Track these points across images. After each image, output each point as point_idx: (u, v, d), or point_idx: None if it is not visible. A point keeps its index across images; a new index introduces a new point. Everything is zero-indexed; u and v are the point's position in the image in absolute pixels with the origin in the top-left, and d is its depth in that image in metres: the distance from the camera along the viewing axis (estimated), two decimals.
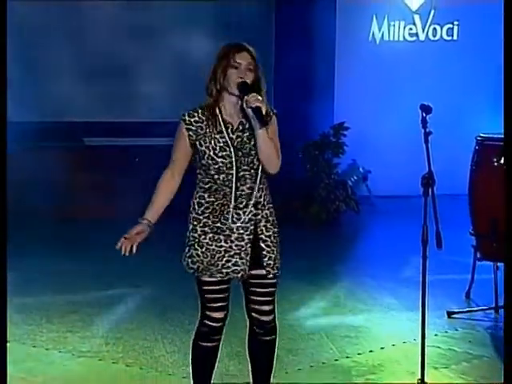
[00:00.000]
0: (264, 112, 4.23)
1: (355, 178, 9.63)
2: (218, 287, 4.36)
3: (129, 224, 8.47)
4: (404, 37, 10.05)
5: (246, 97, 4.23)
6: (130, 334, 5.96)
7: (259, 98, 4.23)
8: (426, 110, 4.88)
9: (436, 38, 10.07)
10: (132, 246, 4.32)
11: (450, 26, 10.06)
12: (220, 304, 4.39)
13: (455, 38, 10.07)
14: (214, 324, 4.41)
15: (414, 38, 10.06)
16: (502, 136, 6.65)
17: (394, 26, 10.00)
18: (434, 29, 10.06)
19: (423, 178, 4.87)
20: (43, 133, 9.57)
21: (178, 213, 4.54)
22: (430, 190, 4.84)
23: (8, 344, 5.76)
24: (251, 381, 4.63)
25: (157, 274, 7.19)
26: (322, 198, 9.07)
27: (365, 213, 9.40)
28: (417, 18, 10.03)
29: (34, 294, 6.75)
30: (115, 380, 5.24)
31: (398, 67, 9.78)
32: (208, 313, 4.40)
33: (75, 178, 9.08)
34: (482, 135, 6.67)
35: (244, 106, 4.26)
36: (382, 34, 10.00)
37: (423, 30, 10.05)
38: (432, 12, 10.01)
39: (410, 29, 10.04)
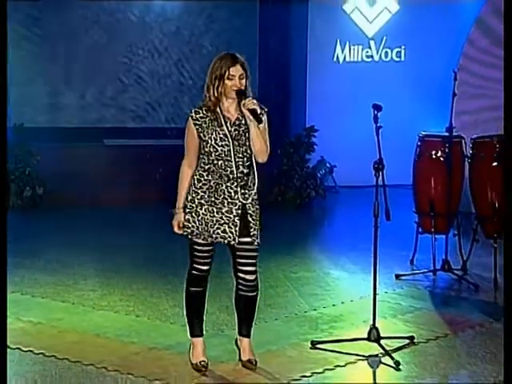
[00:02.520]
0: (258, 112, 4.24)
1: (323, 171, 9.58)
2: (206, 248, 4.41)
3: (139, 207, 8.56)
4: (362, 58, 10.00)
5: (243, 100, 4.25)
6: (140, 292, 5.94)
7: (254, 101, 4.26)
8: (377, 108, 4.89)
9: (387, 59, 10.03)
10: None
11: (399, 49, 10.01)
12: (206, 260, 4.44)
13: (403, 59, 10.02)
14: (201, 274, 4.45)
15: (370, 59, 10.01)
16: (439, 133, 6.68)
17: (353, 49, 9.95)
18: (386, 52, 10.01)
19: (375, 163, 4.86)
20: (72, 135, 9.57)
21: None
22: (380, 173, 4.83)
23: (42, 300, 5.80)
24: (237, 327, 4.63)
25: (160, 250, 7.14)
26: (297, 187, 9.04)
27: (331, 199, 9.38)
28: (372, 43, 9.98)
29: (63, 261, 6.70)
30: (127, 327, 5.22)
31: (357, 82, 9.73)
32: (196, 265, 4.46)
33: (98, 171, 9.02)
34: (423, 133, 6.66)
35: (242, 107, 4.27)
36: (344, 56, 9.95)
37: (377, 53, 10.00)
38: (384, 38, 9.97)
39: (367, 52, 9.99)
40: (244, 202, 4.34)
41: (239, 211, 4.33)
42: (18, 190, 8.81)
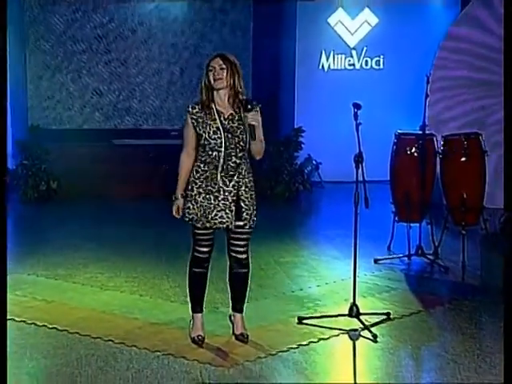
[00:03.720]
0: (255, 127, 4.19)
1: (310, 167, 9.57)
2: (206, 231, 4.38)
3: (144, 200, 8.60)
4: (345, 66, 9.99)
5: (246, 113, 4.21)
6: (144, 274, 5.93)
7: (257, 117, 4.20)
8: (357, 106, 4.87)
9: (368, 67, 10.02)
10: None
11: (378, 58, 10.00)
12: (207, 243, 4.41)
13: (381, 67, 10.02)
14: (202, 256, 4.43)
15: (352, 67, 10.00)
16: (413, 132, 6.67)
17: (337, 58, 9.94)
18: (366, 60, 10.01)
19: (355, 156, 4.84)
20: (85, 136, 9.56)
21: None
22: (360, 166, 4.82)
23: (55, 281, 5.79)
24: (230, 304, 4.64)
25: (162, 238, 7.13)
26: (286, 182, 9.03)
27: (316, 193, 9.37)
28: (354, 52, 9.98)
29: (75, 247, 6.69)
30: (132, 305, 5.23)
31: (340, 88, 9.71)
32: (197, 248, 4.43)
33: (106, 167, 9.01)
34: (399, 131, 6.65)
35: (244, 118, 4.23)
36: (329, 64, 9.94)
37: (358, 61, 9.99)
38: (364, 48, 9.97)
39: (349, 60, 9.99)
40: (237, 189, 4.33)
41: (234, 198, 4.32)
42: (34, 185, 8.81)
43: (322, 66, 9.96)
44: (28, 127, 9.35)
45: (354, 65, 10.02)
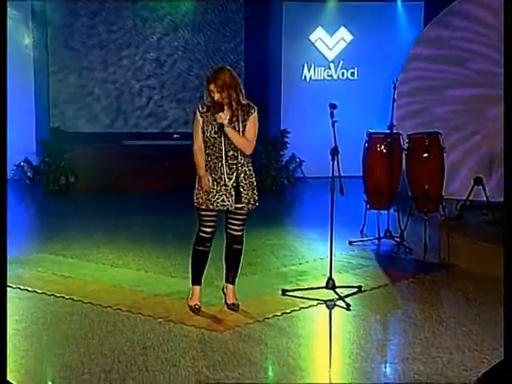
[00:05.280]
0: (225, 125, 4.22)
1: (294, 164, 9.59)
2: (209, 213, 4.38)
3: (150, 192, 8.58)
4: (324, 77, 10.03)
5: (217, 115, 4.24)
6: (149, 254, 5.92)
7: (223, 116, 4.22)
8: (333, 106, 4.89)
9: (344, 78, 10.06)
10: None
11: (353, 70, 10.04)
12: (210, 224, 4.40)
13: (356, 77, 10.07)
14: (206, 235, 4.42)
15: (330, 78, 10.04)
16: (382, 131, 6.67)
17: (317, 70, 9.97)
18: (343, 72, 10.04)
19: (331, 150, 4.85)
20: (99, 138, 9.54)
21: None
22: (335, 158, 4.82)
23: (72, 260, 5.78)
24: (224, 276, 4.64)
25: (166, 224, 7.13)
26: (273, 177, 9.04)
27: (300, 187, 9.39)
28: (332, 65, 10.01)
29: (89, 232, 6.68)
30: (138, 280, 5.22)
31: (320, 95, 9.67)
32: (202, 228, 4.42)
33: (118, 165, 9.00)
34: (370, 131, 6.65)
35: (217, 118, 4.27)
36: (310, 75, 9.98)
37: (336, 73, 10.04)
38: (341, 62, 10.01)
39: (328, 72, 10.02)
40: (237, 177, 4.34)
41: (234, 184, 4.33)
42: (55, 179, 8.79)
43: (305, 76, 9.98)
44: (50, 129, 9.32)
45: (332, 76, 10.04)
